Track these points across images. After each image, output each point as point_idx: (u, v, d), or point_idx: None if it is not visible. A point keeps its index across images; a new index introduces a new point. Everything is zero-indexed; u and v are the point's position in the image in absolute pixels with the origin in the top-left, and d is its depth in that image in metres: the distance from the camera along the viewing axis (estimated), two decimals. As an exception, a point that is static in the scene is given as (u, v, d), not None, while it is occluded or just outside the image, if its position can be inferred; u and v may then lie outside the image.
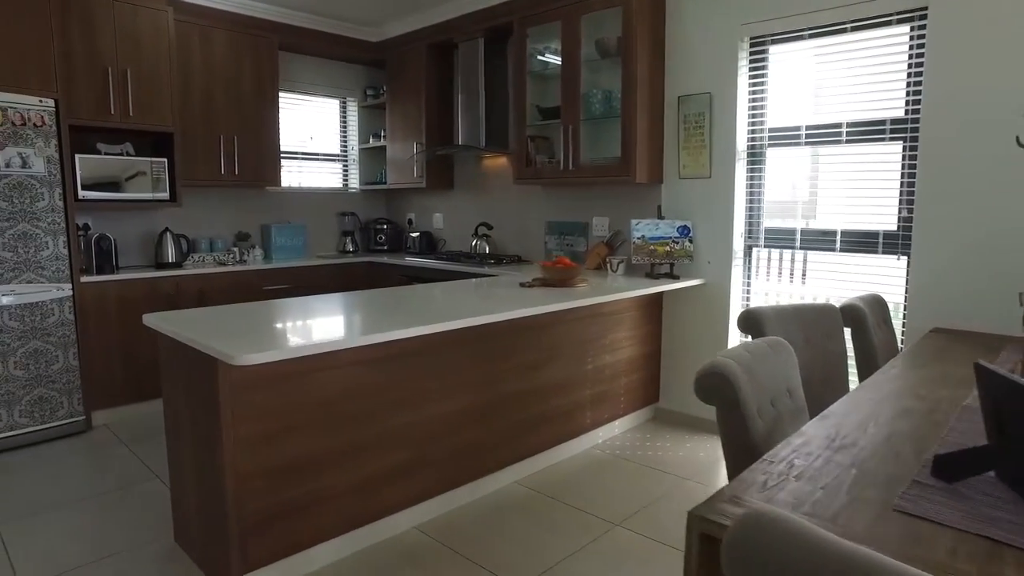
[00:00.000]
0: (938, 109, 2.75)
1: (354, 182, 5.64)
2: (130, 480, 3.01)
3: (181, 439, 2.31)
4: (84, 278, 3.63)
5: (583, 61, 3.73)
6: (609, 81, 3.77)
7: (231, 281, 4.27)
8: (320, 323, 2.32)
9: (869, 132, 3.01)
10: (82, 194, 3.72)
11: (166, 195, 4.07)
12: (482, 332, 2.73)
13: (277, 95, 4.68)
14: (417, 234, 5.18)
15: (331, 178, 5.54)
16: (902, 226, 2.94)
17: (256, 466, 2.07)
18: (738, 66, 3.39)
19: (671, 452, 3.36)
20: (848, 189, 3.15)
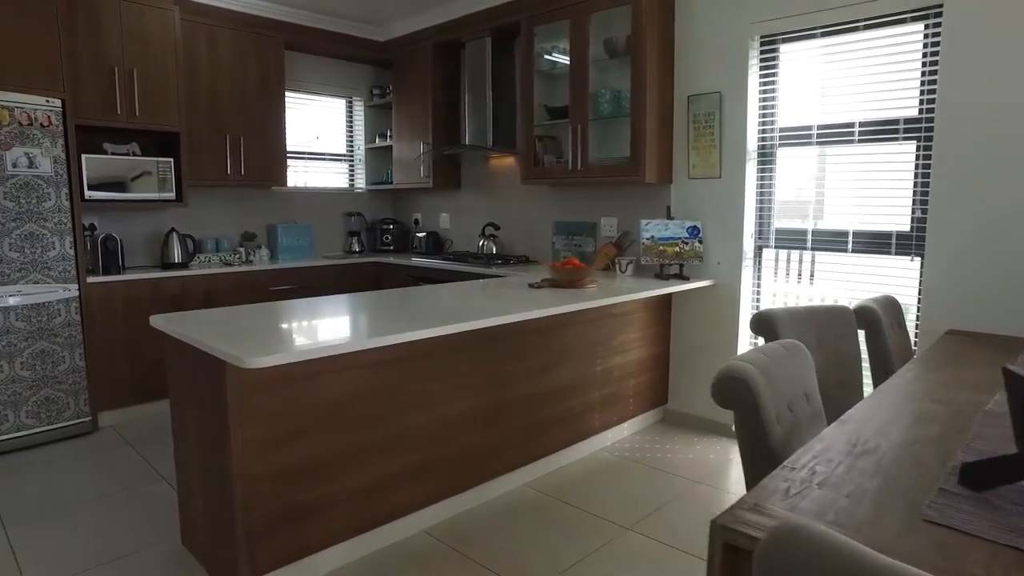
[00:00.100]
0: (953, 108, 2.71)
1: (360, 182, 5.62)
2: (136, 481, 3.00)
3: (188, 441, 2.29)
4: (90, 278, 3.61)
5: (591, 60, 3.70)
6: (618, 80, 3.74)
7: (237, 281, 4.26)
8: (328, 325, 2.30)
9: (882, 132, 2.97)
10: (88, 194, 3.71)
11: (172, 195, 4.05)
12: (491, 334, 2.71)
13: (283, 95, 4.67)
14: (424, 234, 5.16)
15: (337, 178, 5.52)
16: (916, 227, 2.91)
17: (264, 469, 2.05)
18: (748, 65, 3.36)
19: (681, 454, 3.34)
20: (860, 189, 3.11)
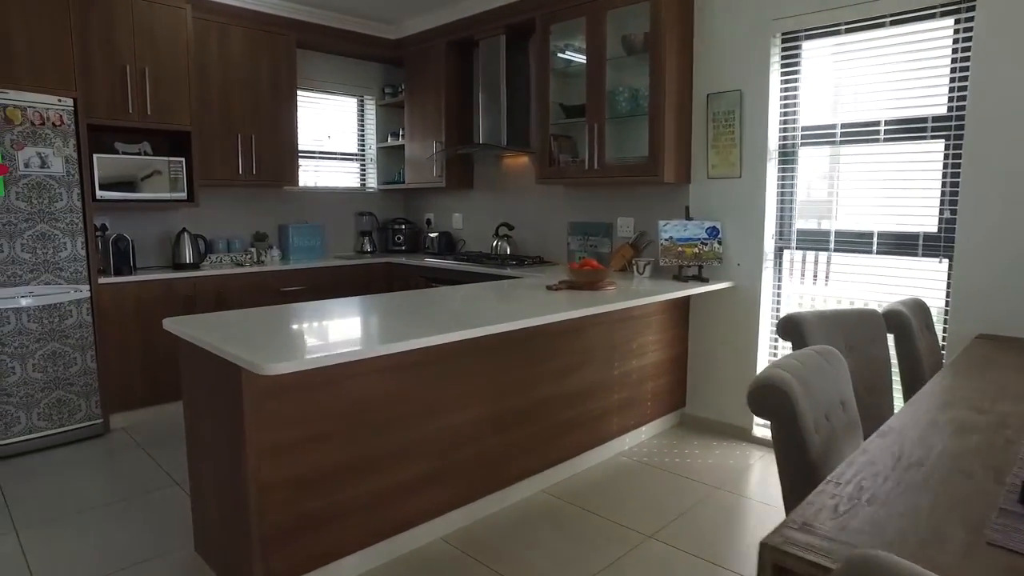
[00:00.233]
0: (985, 105, 2.63)
1: (372, 181, 5.57)
2: (148, 486, 2.96)
3: (202, 447, 2.25)
4: (102, 279, 3.58)
5: (608, 58, 3.64)
6: (635, 79, 3.68)
7: (249, 282, 4.22)
8: (344, 329, 2.25)
9: (909, 130, 2.90)
10: (100, 194, 3.68)
11: (184, 195, 4.02)
12: (509, 337, 2.65)
13: (295, 93, 4.62)
14: (436, 234, 5.11)
15: (348, 177, 5.47)
16: (944, 228, 2.83)
17: (279, 476, 2.00)
18: (769, 63, 3.29)
19: (700, 459, 3.27)
20: (886, 189, 3.03)
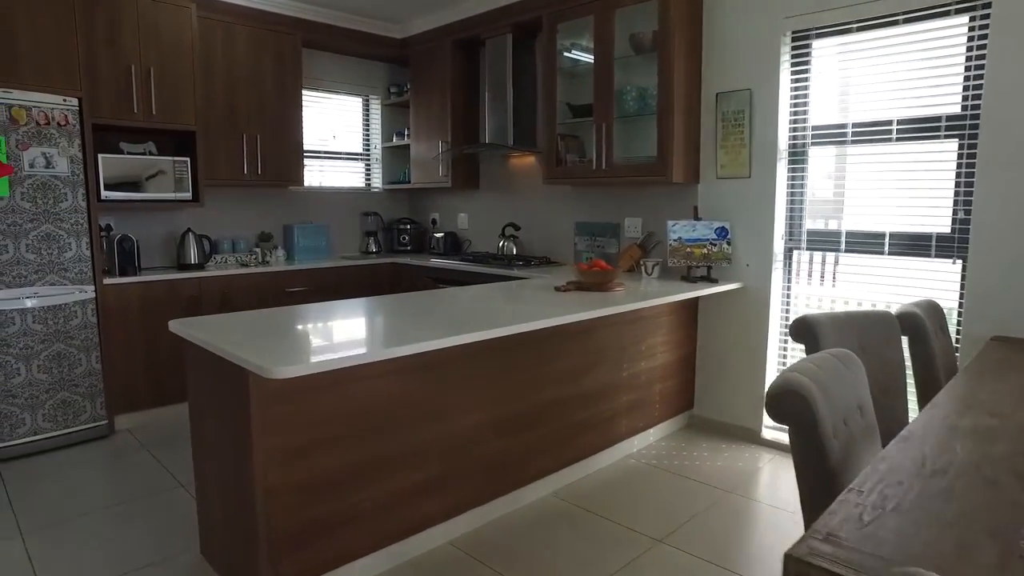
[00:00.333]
0: (1001, 104, 2.59)
1: (377, 181, 5.55)
2: (154, 488, 2.94)
3: (207, 450, 2.22)
4: (107, 280, 3.56)
5: (616, 57, 3.61)
6: (644, 78, 3.65)
7: (254, 282, 4.20)
8: (351, 331, 2.22)
9: (922, 129, 2.86)
10: (105, 194, 3.66)
11: (188, 195, 4.00)
12: (518, 339, 2.62)
13: (300, 93, 4.60)
14: (441, 234, 5.08)
15: (353, 177, 5.45)
16: (958, 228, 2.80)
17: (286, 481, 1.98)
18: (780, 61, 3.25)
19: (708, 462, 3.24)
20: (898, 189, 3.00)
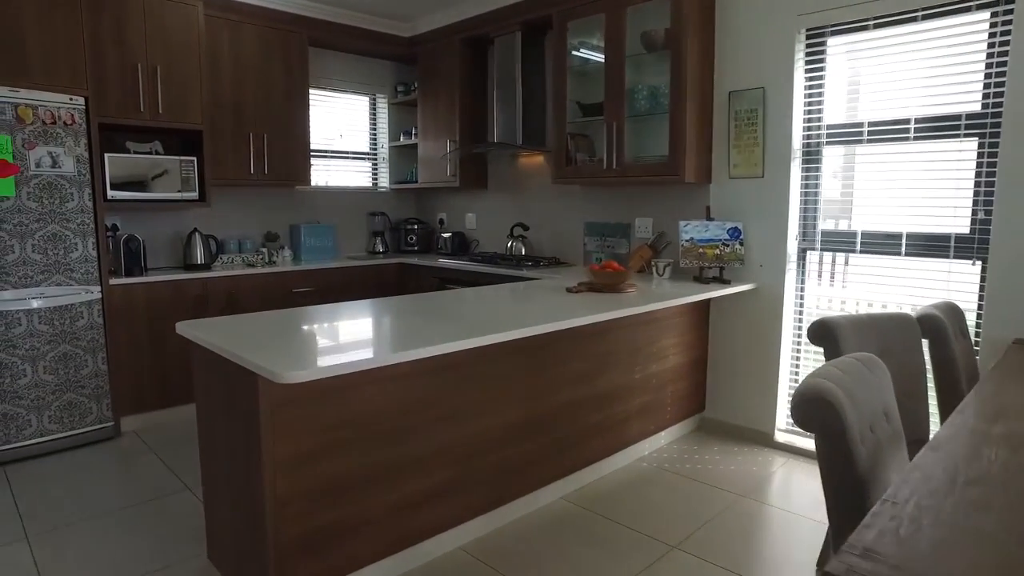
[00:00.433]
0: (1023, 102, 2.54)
1: (384, 181, 5.51)
2: (160, 491, 2.91)
3: (215, 454, 2.19)
4: (113, 280, 3.53)
5: (628, 55, 3.56)
6: (655, 76, 3.60)
7: (260, 283, 4.17)
8: (362, 334, 2.19)
9: (941, 128, 2.81)
10: (111, 194, 3.63)
11: (195, 194, 3.97)
12: (532, 341, 2.57)
13: (307, 92, 4.57)
14: (449, 235, 5.04)
15: (360, 177, 5.41)
16: (978, 228, 2.74)
17: (295, 486, 1.94)
18: (794, 59, 3.20)
19: (721, 465, 3.19)
20: (915, 189, 2.95)
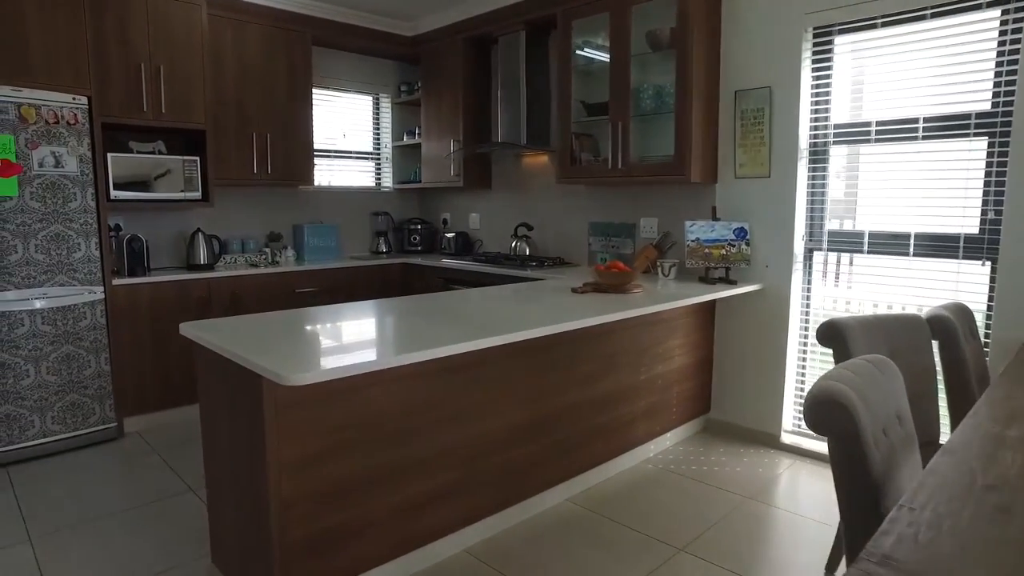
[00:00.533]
0: (1033, 102, 2.52)
1: (387, 181, 5.50)
2: (163, 492, 2.89)
3: (219, 455, 2.17)
4: (116, 280, 3.52)
5: (633, 54, 3.54)
6: (661, 75, 3.58)
7: (263, 283, 4.15)
8: (367, 335, 2.17)
9: (950, 127, 2.78)
10: (114, 194, 3.62)
11: (198, 194, 3.95)
12: (538, 342, 2.55)
13: (310, 91, 4.55)
14: (452, 235, 5.02)
15: (364, 177, 5.39)
16: (987, 229, 2.72)
17: (300, 488, 1.92)
18: (801, 58, 3.18)
19: (727, 467, 3.17)
20: (923, 189, 2.92)
